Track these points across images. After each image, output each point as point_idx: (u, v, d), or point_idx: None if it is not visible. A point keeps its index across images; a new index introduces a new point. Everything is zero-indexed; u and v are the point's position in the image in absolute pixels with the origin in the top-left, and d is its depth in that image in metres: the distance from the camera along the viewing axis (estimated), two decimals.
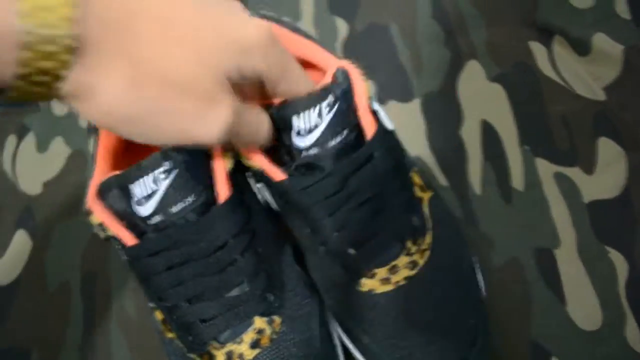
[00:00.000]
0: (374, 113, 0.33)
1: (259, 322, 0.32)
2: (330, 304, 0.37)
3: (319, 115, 0.31)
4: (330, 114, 0.31)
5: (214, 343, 0.32)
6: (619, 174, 0.42)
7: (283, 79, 0.29)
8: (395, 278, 0.34)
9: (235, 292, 0.32)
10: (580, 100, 0.45)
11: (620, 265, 0.39)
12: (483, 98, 0.47)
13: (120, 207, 0.30)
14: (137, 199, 0.30)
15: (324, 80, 0.32)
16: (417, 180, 0.36)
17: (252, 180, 0.35)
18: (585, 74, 0.46)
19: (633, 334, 0.37)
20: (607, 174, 0.42)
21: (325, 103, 0.31)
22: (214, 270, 0.31)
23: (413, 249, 0.34)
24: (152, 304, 0.34)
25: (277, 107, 0.31)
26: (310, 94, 0.31)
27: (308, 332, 0.34)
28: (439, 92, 0.48)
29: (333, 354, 0.36)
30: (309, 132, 0.31)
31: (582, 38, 0.47)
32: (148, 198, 0.29)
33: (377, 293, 0.34)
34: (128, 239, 0.30)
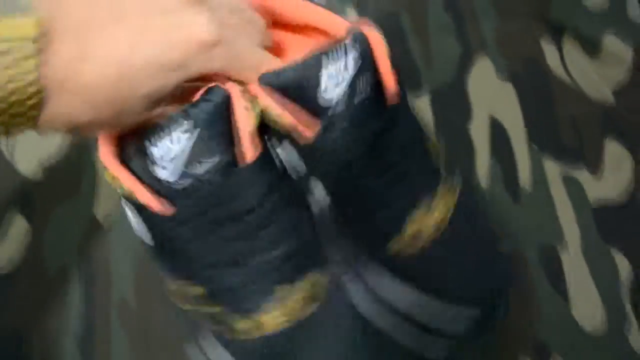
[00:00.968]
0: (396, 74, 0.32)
1: (306, 281, 0.32)
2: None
3: (345, 68, 0.30)
4: (352, 70, 0.30)
5: (264, 305, 0.31)
6: (626, 176, 0.43)
7: (240, 70, 0.29)
8: (424, 235, 0.34)
9: (278, 251, 0.31)
10: (589, 102, 0.46)
11: (625, 268, 0.40)
12: (493, 95, 0.47)
13: (141, 171, 0.28)
14: (159, 162, 0.28)
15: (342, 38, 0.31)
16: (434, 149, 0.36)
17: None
18: (595, 75, 0.46)
19: (636, 337, 0.38)
20: (613, 176, 0.43)
21: (350, 57, 0.30)
22: (252, 230, 0.30)
23: (436, 210, 0.34)
24: (180, 281, 0.33)
25: (302, 61, 0.30)
26: (335, 46, 0.30)
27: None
28: (449, 86, 0.48)
29: None
30: (336, 86, 0.30)
31: (593, 38, 0.47)
32: (171, 161, 0.28)
33: (405, 255, 0.34)
34: (157, 206, 0.28)
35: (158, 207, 0.29)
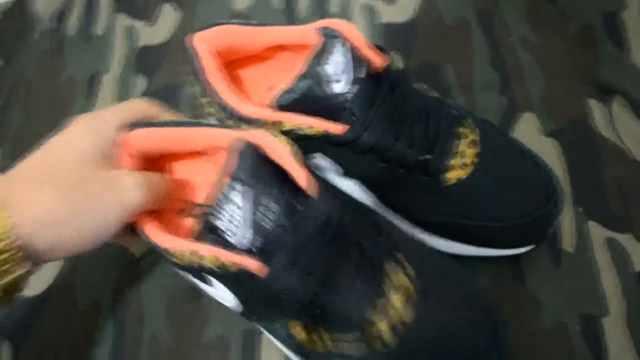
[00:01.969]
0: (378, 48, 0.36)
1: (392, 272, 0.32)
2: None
3: (336, 61, 0.34)
4: (343, 59, 0.34)
5: (370, 310, 0.31)
6: None
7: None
8: (467, 160, 0.37)
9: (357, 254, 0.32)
10: (638, 165, 0.44)
11: None
12: (538, 152, 0.46)
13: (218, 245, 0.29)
14: (227, 232, 0.29)
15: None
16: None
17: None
18: None
19: None
20: None
21: (335, 50, 0.34)
22: (331, 246, 0.30)
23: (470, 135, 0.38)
24: (277, 324, 0.33)
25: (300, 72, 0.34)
26: (317, 48, 0.34)
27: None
28: None
29: None
30: (337, 80, 0.34)
31: None
32: (237, 227, 0.29)
33: (460, 180, 0.37)
34: (254, 267, 0.29)
35: (254, 265, 0.29)
